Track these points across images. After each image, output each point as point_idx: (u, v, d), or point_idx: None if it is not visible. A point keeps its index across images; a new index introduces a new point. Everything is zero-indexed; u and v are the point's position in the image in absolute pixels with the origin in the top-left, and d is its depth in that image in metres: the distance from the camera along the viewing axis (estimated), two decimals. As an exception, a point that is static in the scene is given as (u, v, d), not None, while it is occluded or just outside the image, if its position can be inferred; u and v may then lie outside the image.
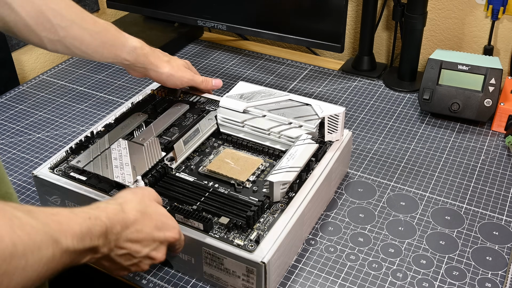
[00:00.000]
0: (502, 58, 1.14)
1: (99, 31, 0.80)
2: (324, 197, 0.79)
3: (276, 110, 0.81)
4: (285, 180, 0.69)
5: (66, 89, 1.17)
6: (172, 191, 0.72)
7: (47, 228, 0.47)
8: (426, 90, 0.99)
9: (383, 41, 1.27)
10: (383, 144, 0.96)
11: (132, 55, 0.83)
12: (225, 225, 0.66)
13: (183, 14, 1.24)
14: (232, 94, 0.85)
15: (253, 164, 0.77)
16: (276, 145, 0.80)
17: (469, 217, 0.80)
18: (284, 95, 0.84)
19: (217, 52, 1.30)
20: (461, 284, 0.70)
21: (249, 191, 0.73)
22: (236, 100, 0.83)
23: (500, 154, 0.93)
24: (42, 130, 1.03)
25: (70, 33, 0.77)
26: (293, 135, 0.78)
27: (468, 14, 1.13)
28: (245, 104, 0.82)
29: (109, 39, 0.81)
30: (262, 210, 0.69)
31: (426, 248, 0.75)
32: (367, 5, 1.12)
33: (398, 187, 0.86)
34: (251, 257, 0.63)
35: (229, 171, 0.75)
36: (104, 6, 1.41)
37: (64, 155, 0.79)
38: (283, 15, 1.12)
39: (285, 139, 0.79)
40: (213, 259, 0.66)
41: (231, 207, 0.69)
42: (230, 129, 0.83)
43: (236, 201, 0.70)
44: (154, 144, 0.79)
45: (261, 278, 0.64)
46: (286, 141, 0.80)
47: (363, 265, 0.73)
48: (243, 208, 0.68)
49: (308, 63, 1.24)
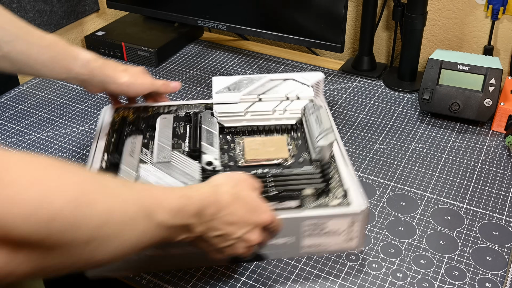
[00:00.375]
0: (502, 58, 1.14)
1: (47, 45, 0.76)
2: None
3: (267, 91, 0.85)
4: (331, 140, 0.75)
5: (66, 89, 1.17)
6: None
7: (141, 200, 0.48)
8: (426, 90, 0.99)
9: (383, 41, 1.27)
10: (383, 144, 0.96)
11: (86, 68, 0.78)
12: (310, 195, 0.70)
13: (183, 14, 1.24)
14: (218, 90, 0.86)
15: (281, 141, 0.81)
16: (282, 121, 0.84)
17: (469, 217, 0.80)
18: (263, 77, 0.88)
19: (217, 52, 1.30)
20: (461, 284, 0.70)
21: (296, 163, 0.77)
22: (227, 94, 0.84)
23: (500, 154, 0.93)
24: (42, 130, 1.03)
25: (15, 48, 0.73)
26: (297, 107, 0.84)
27: (468, 14, 1.13)
28: (238, 94, 0.84)
29: (59, 53, 0.76)
30: (326, 172, 0.74)
31: (426, 248, 0.75)
32: (367, 5, 1.12)
33: (398, 187, 0.86)
34: (353, 210, 0.68)
35: (267, 154, 0.78)
36: (104, 6, 1.41)
37: None
38: (283, 15, 1.12)
39: (289, 113, 0.84)
40: (315, 228, 0.70)
41: (301, 180, 0.72)
42: (233, 121, 0.84)
43: (299, 174, 0.74)
44: (180, 157, 0.76)
45: (363, 224, 0.70)
46: (290, 115, 0.84)
47: (363, 265, 0.73)
48: (312, 177, 0.73)
49: (308, 63, 1.24)
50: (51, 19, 1.27)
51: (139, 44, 1.25)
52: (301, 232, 0.70)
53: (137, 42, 1.26)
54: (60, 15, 1.29)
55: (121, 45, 1.26)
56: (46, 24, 1.26)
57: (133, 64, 1.26)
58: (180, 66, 1.24)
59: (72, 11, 1.32)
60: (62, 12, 1.30)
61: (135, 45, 1.25)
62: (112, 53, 1.29)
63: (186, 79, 1.18)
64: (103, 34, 1.31)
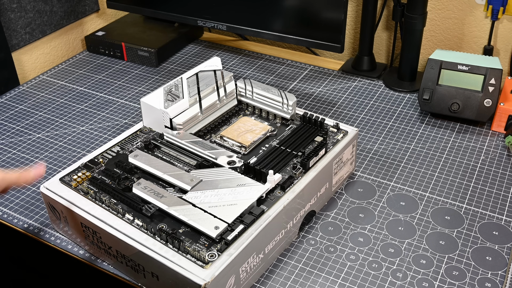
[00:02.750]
0: (502, 58, 1.15)
1: None
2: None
3: (201, 88, 0.88)
4: (294, 98, 0.86)
5: (66, 89, 1.17)
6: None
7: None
8: (426, 90, 0.99)
9: (383, 41, 1.27)
10: (383, 144, 0.96)
11: None
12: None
13: (183, 14, 1.24)
14: (158, 107, 0.83)
15: (262, 129, 0.85)
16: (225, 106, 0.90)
17: (469, 217, 0.80)
18: (178, 79, 0.87)
19: (217, 52, 1.30)
20: (461, 284, 0.70)
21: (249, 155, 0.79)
22: (176, 104, 0.83)
23: (500, 154, 0.93)
24: (42, 130, 1.03)
25: None
26: (231, 88, 0.91)
27: (468, 14, 1.13)
28: (184, 100, 0.85)
29: None
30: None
31: (426, 248, 0.75)
32: (367, 5, 1.12)
33: (398, 187, 0.86)
34: (352, 134, 0.84)
35: (238, 137, 0.83)
36: (104, 6, 1.41)
37: None
38: (283, 15, 1.12)
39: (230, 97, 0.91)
40: (338, 163, 0.82)
41: None
42: (195, 125, 0.85)
43: None
44: (201, 173, 0.73)
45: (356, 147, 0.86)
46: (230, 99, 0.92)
47: (363, 265, 0.73)
48: None
49: (308, 63, 1.24)
50: (51, 19, 1.27)
51: (139, 44, 1.25)
52: (332, 172, 0.80)
53: (137, 42, 1.26)
54: (60, 15, 1.29)
55: (121, 45, 1.26)
56: (46, 24, 1.26)
57: (133, 64, 1.26)
58: (180, 66, 1.24)
59: (72, 11, 1.32)
60: (62, 12, 1.30)
61: (135, 45, 1.25)
62: (112, 53, 1.29)
63: (186, 79, 1.19)
64: (103, 34, 1.31)
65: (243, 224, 0.66)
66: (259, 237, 0.67)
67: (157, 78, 1.20)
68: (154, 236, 0.66)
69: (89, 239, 0.73)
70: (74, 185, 0.75)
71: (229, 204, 0.68)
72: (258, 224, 0.67)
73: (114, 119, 1.06)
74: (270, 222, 0.68)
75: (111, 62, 1.28)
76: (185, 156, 0.79)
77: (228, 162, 0.75)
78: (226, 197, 0.69)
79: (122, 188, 0.73)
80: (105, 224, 0.69)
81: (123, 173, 0.76)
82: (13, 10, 1.17)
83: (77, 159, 0.95)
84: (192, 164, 0.77)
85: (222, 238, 0.65)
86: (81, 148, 0.98)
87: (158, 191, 0.70)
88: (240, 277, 0.66)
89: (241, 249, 0.64)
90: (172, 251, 0.64)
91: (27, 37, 1.22)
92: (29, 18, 1.21)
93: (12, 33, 1.18)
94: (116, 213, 0.70)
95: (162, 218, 0.69)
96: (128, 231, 0.67)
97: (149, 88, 1.16)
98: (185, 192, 0.71)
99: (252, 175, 0.74)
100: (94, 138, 1.00)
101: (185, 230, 0.67)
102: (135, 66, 1.25)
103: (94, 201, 0.72)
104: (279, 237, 0.72)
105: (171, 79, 1.19)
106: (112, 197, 0.72)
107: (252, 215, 0.68)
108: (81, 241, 0.76)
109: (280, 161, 0.77)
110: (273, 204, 0.70)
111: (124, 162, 0.77)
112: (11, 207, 0.85)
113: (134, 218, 0.69)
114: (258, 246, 0.67)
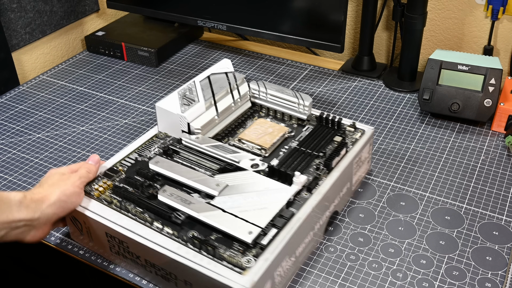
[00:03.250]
0: (502, 58, 1.14)
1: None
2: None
3: (215, 92, 0.87)
4: (310, 98, 0.94)
5: (66, 89, 1.17)
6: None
7: None
8: (426, 90, 0.99)
9: (383, 41, 1.27)
10: (383, 144, 0.96)
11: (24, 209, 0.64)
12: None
13: (183, 14, 1.24)
14: (175, 111, 0.82)
15: (280, 130, 0.85)
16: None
17: (469, 217, 0.80)
18: (191, 82, 0.86)
19: (217, 52, 1.30)
20: (461, 284, 0.70)
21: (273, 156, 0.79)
22: (192, 108, 0.82)
23: (500, 154, 0.93)
24: (42, 130, 1.03)
25: None
26: (244, 90, 0.90)
27: (468, 14, 1.13)
28: (200, 103, 0.84)
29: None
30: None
31: (426, 248, 0.75)
32: (367, 5, 1.12)
33: (398, 187, 0.86)
34: (369, 133, 0.84)
35: (258, 139, 0.82)
36: (104, 6, 1.41)
37: None
38: (283, 15, 1.12)
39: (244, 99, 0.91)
40: (358, 162, 0.82)
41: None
42: (212, 130, 0.84)
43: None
44: (226, 177, 0.73)
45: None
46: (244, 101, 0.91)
47: (363, 265, 0.73)
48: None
49: (308, 63, 1.24)
50: (51, 19, 1.27)
51: (139, 44, 1.25)
52: (352, 172, 0.80)
53: (137, 42, 1.26)
54: (60, 15, 1.29)
55: (121, 45, 1.26)
56: (46, 24, 1.26)
57: (133, 64, 1.26)
58: (180, 66, 1.24)
59: (72, 11, 1.32)
60: (62, 12, 1.30)
61: (135, 45, 1.25)
62: (112, 53, 1.29)
63: (186, 79, 1.18)
64: (103, 34, 1.31)
65: (275, 227, 0.65)
66: (291, 240, 0.66)
67: (157, 78, 1.20)
68: (186, 244, 0.64)
69: (114, 249, 0.71)
70: (96, 195, 0.72)
71: (259, 208, 0.67)
72: (289, 227, 0.66)
73: (114, 119, 1.06)
74: (301, 225, 0.67)
75: (111, 62, 1.28)
76: (206, 160, 0.77)
77: (251, 165, 0.75)
78: (254, 201, 0.68)
79: (147, 196, 0.71)
80: (133, 233, 0.67)
81: (145, 180, 0.74)
82: (13, 10, 1.17)
83: (77, 159, 0.95)
84: (214, 168, 0.76)
85: (256, 243, 0.63)
86: (81, 148, 0.98)
87: (185, 197, 0.68)
88: (275, 282, 0.65)
89: (276, 253, 0.63)
90: (207, 258, 0.62)
91: (27, 37, 1.22)
92: (29, 18, 1.21)
93: (12, 33, 1.18)
94: (144, 222, 0.68)
95: (192, 225, 0.67)
96: (158, 240, 0.65)
97: (149, 88, 1.16)
98: (212, 197, 0.69)
99: (277, 177, 0.73)
100: (94, 138, 1.00)
101: (217, 236, 0.65)
102: (135, 66, 1.25)
103: (119, 210, 0.70)
104: (308, 239, 0.71)
105: (171, 79, 1.19)
106: (138, 206, 0.70)
107: (283, 218, 0.67)
108: (104, 251, 0.74)
109: (302, 162, 0.77)
110: (301, 206, 0.69)
111: (145, 169, 0.76)
112: (11, 207, 0.85)
113: (164, 226, 0.67)
114: (290, 249, 0.67)
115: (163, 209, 0.68)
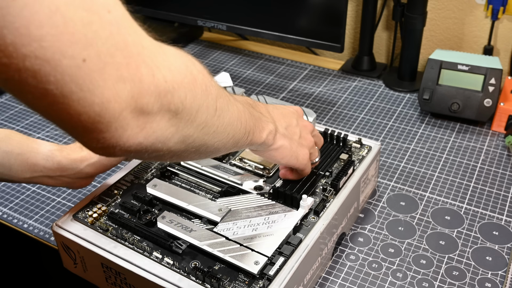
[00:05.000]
0: (502, 58, 1.14)
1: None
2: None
3: None
4: (314, 114, 0.84)
5: (66, 89, 1.17)
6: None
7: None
8: (426, 90, 0.99)
9: (383, 41, 1.27)
10: (383, 144, 0.96)
11: (51, 161, 0.67)
12: None
13: (183, 14, 1.24)
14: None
15: None
16: None
17: (469, 217, 0.80)
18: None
19: (217, 52, 1.30)
20: (461, 284, 0.70)
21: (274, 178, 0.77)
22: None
23: (500, 154, 0.93)
24: (42, 130, 1.03)
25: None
26: None
27: (468, 14, 1.13)
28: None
29: (15, 146, 0.65)
30: None
31: (426, 248, 0.75)
32: (367, 5, 1.12)
33: (398, 187, 0.86)
34: (376, 149, 0.80)
35: (259, 158, 0.78)
36: (104, 6, 1.41)
37: None
38: (283, 15, 1.12)
39: None
40: (365, 180, 0.78)
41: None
42: None
43: None
44: (229, 201, 0.69)
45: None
46: None
47: (363, 265, 0.73)
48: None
49: (308, 63, 1.24)
50: (51, 19, 1.27)
51: (139, 44, 1.25)
52: (360, 191, 0.77)
53: (137, 42, 1.26)
54: (60, 15, 1.29)
55: (121, 45, 1.26)
56: (46, 24, 1.26)
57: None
58: (180, 66, 1.24)
59: (72, 11, 1.32)
60: (62, 12, 1.30)
61: (135, 45, 1.25)
62: (112, 53, 1.29)
63: (186, 79, 1.18)
64: (103, 34, 1.31)
65: (283, 255, 0.61)
66: (300, 269, 0.62)
67: (157, 78, 1.20)
68: (188, 275, 0.60)
69: (110, 280, 0.66)
70: (90, 221, 0.68)
71: (265, 235, 0.63)
72: (297, 254, 0.62)
73: (114, 119, 1.06)
74: (309, 251, 0.64)
75: (111, 62, 1.27)
76: (206, 182, 0.73)
77: (255, 187, 0.71)
78: (260, 227, 0.64)
79: (145, 223, 0.66)
80: (130, 264, 0.62)
81: (143, 205, 0.69)
82: (13, 10, 1.17)
83: (77, 159, 0.95)
84: (215, 191, 0.72)
85: (263, 273, 0.59)
86: (81, 148, 0.98)
87: (186, 224, 0.64)
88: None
89: (284, 283, 0.59)
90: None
91: (27, 37, 1.22)
92: (29, 18, 1.21)
93: (12, 33, 1.18)
94: (143, 252, 0.64)
95: (194, 255, 0.63)
96: (158, 271, 0.61)
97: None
98: (214, 223, 0.65)
99: (282, 200, 0.69)
100: (94, 138, 1.00)
101: (220, 266, 0.61)
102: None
103: (115, 239, 0.65)
104: (316, 265, 0.68)
105: (171, 79, 1.19)
106: (135, 234, 0.66)
107: (290, 245, 0.63)
108: (100, 282, 0.69)
109: (307, 182, 0.71)
110: (309, 231, 0.66)
111: (143, 193, 0.71)
112: (11, 207, 0.85)
113: (163, 256, 0.62)
114: (299, 278, 0.63)
115: (162, 238, 0.64)
